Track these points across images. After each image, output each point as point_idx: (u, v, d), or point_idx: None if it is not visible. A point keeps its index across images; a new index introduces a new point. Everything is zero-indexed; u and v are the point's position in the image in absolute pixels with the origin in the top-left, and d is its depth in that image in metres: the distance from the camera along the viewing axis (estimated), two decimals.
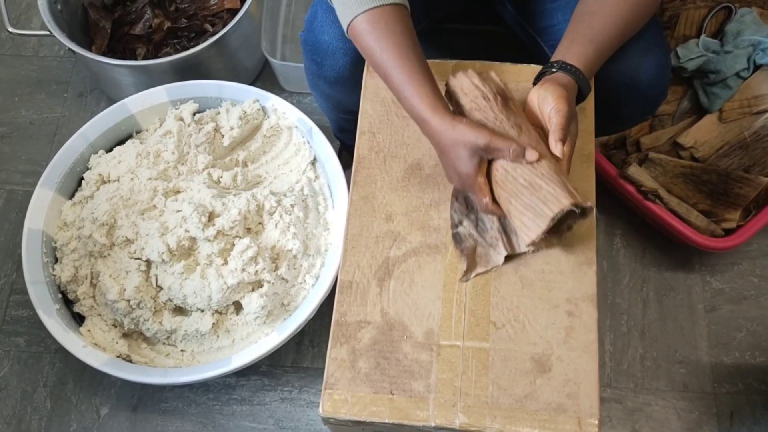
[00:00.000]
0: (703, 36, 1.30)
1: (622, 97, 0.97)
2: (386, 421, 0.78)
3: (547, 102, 0.80)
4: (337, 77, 1.01)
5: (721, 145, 1.26)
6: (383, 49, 0.82)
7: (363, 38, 0.83)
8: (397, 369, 0.80)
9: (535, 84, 0.87)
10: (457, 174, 0.82)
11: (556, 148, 0.79)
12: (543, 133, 0.82)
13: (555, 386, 0.79)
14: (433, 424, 0.78)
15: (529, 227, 0.78)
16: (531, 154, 0.77)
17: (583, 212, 0.77)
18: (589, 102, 0.91)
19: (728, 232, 1.22)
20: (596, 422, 0.77)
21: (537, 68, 0.89)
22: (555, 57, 0.86)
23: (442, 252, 0.86)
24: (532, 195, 0.77)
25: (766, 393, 1.22)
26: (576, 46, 0.85)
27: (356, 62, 0.97)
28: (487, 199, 0.81)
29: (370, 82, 0.96)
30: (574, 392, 0.79)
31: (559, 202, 0.75)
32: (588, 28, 0.86)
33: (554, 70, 0.84)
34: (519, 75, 0.94)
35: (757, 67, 1.28)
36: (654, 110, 1.06)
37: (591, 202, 0.78)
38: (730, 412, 1.21)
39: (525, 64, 0.95)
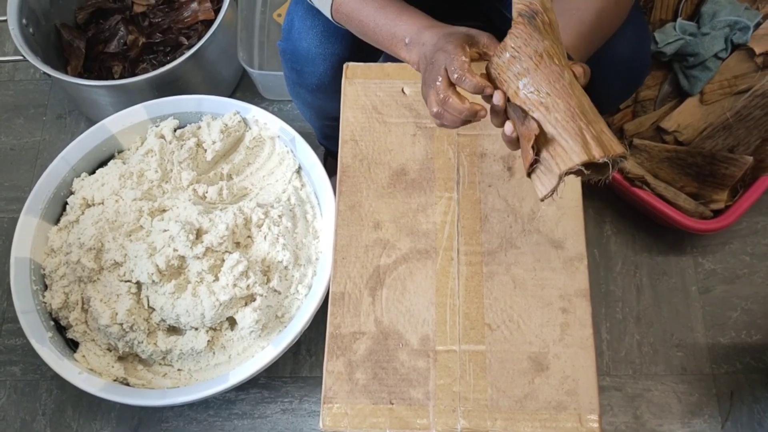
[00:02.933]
0: (679, 19, 1.30)
1: (603, 76, 0.93)
2: (387, 431, 0.78)
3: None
4: (319, 84, 1.00)
5: (704, 127, 1.26)
6: (367, 3, 0.79)
7: (347, 6, 0.81)
8: (394, 378, 0.80)
9: None
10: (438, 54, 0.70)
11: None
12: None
13: (553, 384, 0.79)
14: (434, 431, 0.78)
15: (542, 181, 0.66)
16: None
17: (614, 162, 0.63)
18: None
19: (717, 213, 1.22)
20: (596, 417, 0.77)
21: None
22: None
23: (432, 257, 0.86)
24: (548, 148, 0.64)
25: (765, 371, 1.22)
26: (575, 40, 0.78)
27: (336, 67, 0.97)
28: (476, 79, 0.67)
29: (349, 89, 0.95)
30: (573, 389, 0.79)
31: (569, 159, 0.63)
32: (579, 23, 0.79)
33: None
34: None
35: (735, 47, 1.28)
36: (637, 87, 1.02)
37: (616, 150, 0.62)
38: (730, 392, 1.21)
39: None
